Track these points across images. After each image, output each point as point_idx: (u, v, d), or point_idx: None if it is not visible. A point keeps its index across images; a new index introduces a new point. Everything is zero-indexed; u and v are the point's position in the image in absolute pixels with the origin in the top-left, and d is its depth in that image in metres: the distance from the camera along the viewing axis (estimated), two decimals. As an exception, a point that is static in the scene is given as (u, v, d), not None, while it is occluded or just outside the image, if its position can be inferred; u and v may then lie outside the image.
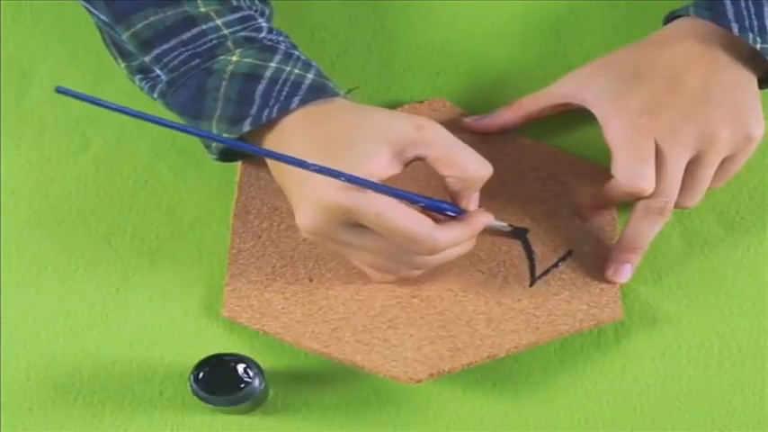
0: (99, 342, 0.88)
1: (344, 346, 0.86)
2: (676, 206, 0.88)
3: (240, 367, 0.84)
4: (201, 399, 0.83)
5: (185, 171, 0.95)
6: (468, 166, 0.83)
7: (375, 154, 0.81)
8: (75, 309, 0.89)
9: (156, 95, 0.88)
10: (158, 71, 0.87)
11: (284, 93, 0.84)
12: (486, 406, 0.86)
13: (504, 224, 0.89)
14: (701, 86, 0.88)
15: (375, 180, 0.80)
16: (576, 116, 0.92)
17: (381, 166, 0.81)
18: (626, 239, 0.88)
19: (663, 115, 0.87)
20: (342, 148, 0.81)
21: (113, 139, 0.96)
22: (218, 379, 0.83)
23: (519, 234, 0.90)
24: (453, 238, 0.83)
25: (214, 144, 0.87)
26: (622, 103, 0.88)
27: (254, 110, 0.84)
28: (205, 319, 0.89)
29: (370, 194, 0.80)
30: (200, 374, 0.83)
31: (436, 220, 0.82)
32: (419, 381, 0.84)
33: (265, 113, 0.84)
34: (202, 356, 0.84)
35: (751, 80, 0.89)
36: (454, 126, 0.94)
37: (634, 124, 0.87)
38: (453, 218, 0.84)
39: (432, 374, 0.85)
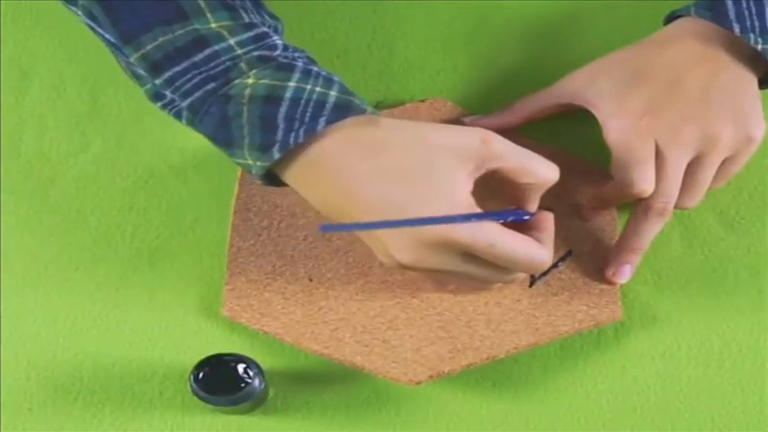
0: (99, 342, 0.88)
1: (344, 347, 0.86)
2: (676, 207, 0.88)
3: (240, 367, 0.84)
4: (201, 399, 0.83)
5: (185, 171, 0.95)
6: (540, 172, 0.82)
7: (455, 178, 0.79)
8: (75, 309, 0.90)
9: (184, 122, 0.84)
10: (171, 95, 0.84)
11: (308, 114, 0.80)
12: (486, 406, 0.86)
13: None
14: (702, 87, 0.88)
15: (466, 204, 0.79)
16: (576, 116, 0.92)
17: (465, 189, 0.79)
18: (626, 240, 0.88)
19: (663, 116, 0.87)
20: (417, 177, 0.78)
21: (113, 139, 0.96)
22: (218, 379, 0.83)
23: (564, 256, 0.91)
24: (550, 250, 0.82)
25: (254, 171, 0.82)
26: (623, 104, 0.88)
27: (279, 135, 0.80)
28: (205, 319, 0.89)
29: (479, 226, 0.78)
30: (200, 374, 0.83)
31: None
32: (419, 382, 0.84)
33: (292, 138, 0.79)
34: (202, 356, 0.84)
35: (751, 81, 0.89)
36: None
37: (634, 125, 0.87)
38: (519, 225, 0.83)
39: (431, 376, 0.85)
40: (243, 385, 0.83)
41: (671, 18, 0.92)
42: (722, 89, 0.88)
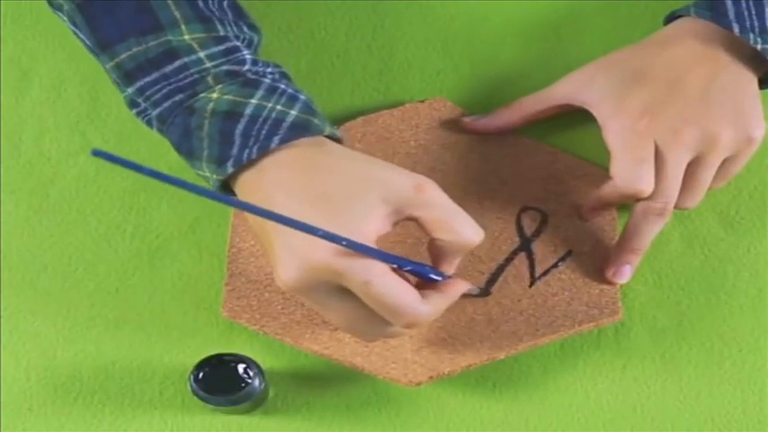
0: (99, 342, 0.88)
1: (344, 347, 0.86)
2: (676, 207, 0.88)
3: (240, 367, 0.84)
4: (201, 399, 0.83)
5: (185, 171, 0.94)
6: (463, 231, 0.79)
7: (371, 213, 0.77)
8: (75, 309, 0.89)
9: (155, 130, 0.86)
10: (143, 104, 0.85)
11: (264, 132, 0.81)
12: (486, 406, 0.86)
13: (474, 287, 0.86)
14: (702, 87, 0.88)
15: (369, 241, 0.77)
16: (576, 116, 0.92)
17: (376, 227, 0.77)
18: (625, 240, 0.88)
19: (663, 116, 0.87)
20: (335, 204, 0.77)
21: (113, 139, 0.96)
22: (218, 379, 0.83)
23: (484, 294, 0.89)
24: (434, 311, 0.79)
25: (212, 183, 0.83)
26: (622, 105, 0.88)
27: (234, 150, 0.81)
28: (205, 319, 0.89)
29: (363, 261, 0.75)
30: (200, 374, 0.83)
31: (411, 284, 0.79)
32: (419, 383, 0.84)
33: (245, 154, 0.80)
34: (202, 356, 0.84)
35: (752, 81, 0.89)
36: (453, 126, 0.95)
37: (634, 126, 0.87)
38: (431, 284, 0.80)
39: (431, 377, 0.85)
40: (243, 385, 0.83)
41: (671, 18, 0.92)
42: (722, 89, 0.88)
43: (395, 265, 0.77)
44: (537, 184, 0.92)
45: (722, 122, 0.87)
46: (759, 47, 0.87)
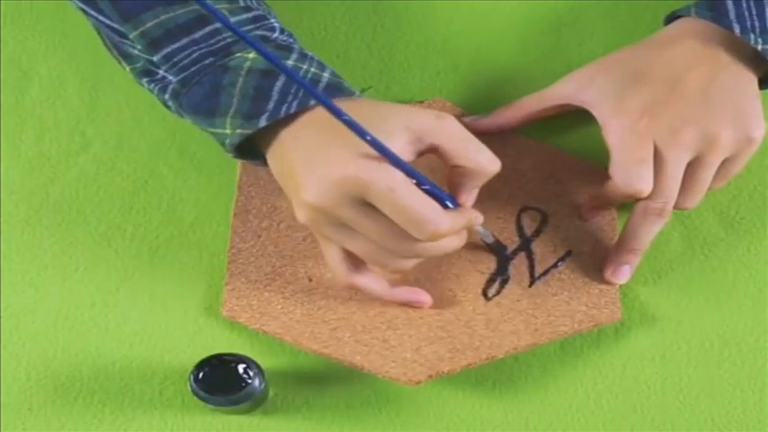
0: (99, 342, 0.88)
1: (344, 346, 0.86)
2: (676, 207, 0.88)
3: (240, 367, 0.84)
4: (201, 399, 0.83)
5: (185, 171, 0.95)
6: (479, 159, 0.82)
7: (395, 136, 0.81)
8: (75, 309, 0.90)
9: (167, 96, 0.86)
10: (164, 72, 0.86)
11: (302, 90, 0.83)
12: (486, 406, 0.86)
13: (488, 233, 0.89)
14: (702, 87, 0.88)
15: None
16: (576, 116, 0.92)
17: (399, 149, 0.80)
18: (625, 240, 0.88)
19: (662, 117, 0.87)
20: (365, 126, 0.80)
21: (113, 139, 0.96)
22: (218, 379, 0.83)
23: (498, 249, 0.90)
24: (454, 225, 0.82)
25: (227, 141, 0.85)
26: (622, 105, 0.88)
27: (271, 105, 0.83)
28: (205, 319, 0.89)
29: (386, 169, 0.79)
30: (200, 374, 0.83)
31: None
32: (418, 382, 0.84)
33: (284, 108, 0.83)
34: (202, 356, 0.84)
35: (752, 81, 0.89)
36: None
37: (633, 126, 0.87)
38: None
39: (431, 376, 0.85)
40: (243, 385, 0.83)
41: (671, 18, 0.92)
42: (722, 89, 0.88)
43: (414, 181, 0.80)
44: (537, 184, 0.93)
45: (722, 122, 0.87)
46: (759, 47, 0.87)
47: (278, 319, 0.87)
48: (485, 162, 0.83)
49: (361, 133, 0.79)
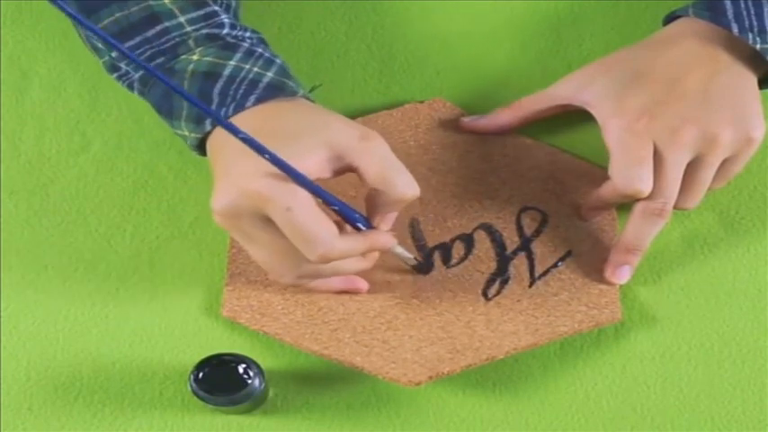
0: (99, 342, 0.88)
1: (344, 347, 0.86)
2: (676, 207, 0.88)
3: (240, 367, 0.84)
4: (201, 399, 0.83)
5: (185, 171, 0.95)
6: (397, 184, 0.81)
7: (312, 152, 0.81)
8: (75, 309, 0.89)
9: (136, 93, 0.89)
10: (125, 67, 0.88)
11: (240, 91, 0.84)
12: (486, 406, 0.86)
13: (410, 255, 0.88)
14: (701, 88, 0.88)
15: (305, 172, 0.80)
16: (575, 116, 0.92)
17: (314, 165, 0.80)
18: (624, 241, 0.88)
19: (661, 117, 0.87)
20: (283, 141, 0.80)
21: (113, 139, 0.96)
22: (218, 379, 0.83)
23: (423, 269, 0.89)
24: (351, 249, 0.81)
25: (188, 142, 0.87)
26: (621, 105, 0.88)
27: (212, 108, 0.84)
28: (205, 319, 0.89)
29: (287, 188, 0.79)
30: (200, 374, 0.83)
31: (340, 229, 0.81)
32: (418, 383, 0.84)
33: (222, 112, 0.84)
34: (202, 356, 0.84)
35: (751, 81, 0.89)
36: (453, 126, 0.95)
37: (632, 126, 0.87)
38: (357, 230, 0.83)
39: (431, 376, 0.85)
40: (243, 385, 0.83)
41: (670, 18, 0.92)
42: (721, 90, 0.88)
43: (321, 200, 0.81)
44: (537, 184, 0.93)
45: (721, 123, 0.87)
46: (758, 47, 0.87)
47: (278, 319, 0.87)
48: (402, 188, 0.82)
49: (260, 151, 0.78)
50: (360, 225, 0.83)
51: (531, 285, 0.89)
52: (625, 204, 0.90)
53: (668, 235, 0.91)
